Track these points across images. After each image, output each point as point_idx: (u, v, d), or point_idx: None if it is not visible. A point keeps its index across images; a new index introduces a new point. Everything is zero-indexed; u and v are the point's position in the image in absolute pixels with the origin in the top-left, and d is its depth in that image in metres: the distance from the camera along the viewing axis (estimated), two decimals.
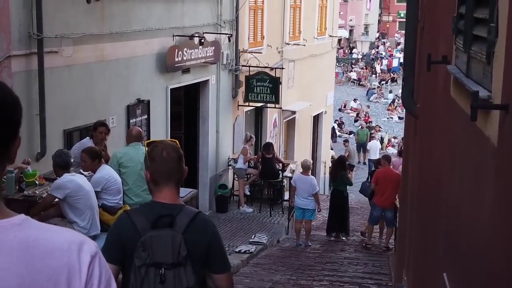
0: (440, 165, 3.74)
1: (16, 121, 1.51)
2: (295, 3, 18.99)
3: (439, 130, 3.93)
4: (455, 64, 3.31)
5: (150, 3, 12.00)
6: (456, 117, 3.28)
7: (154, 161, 3.24)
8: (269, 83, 15.78)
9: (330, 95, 23.47)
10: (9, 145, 1.51)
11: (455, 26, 3.29)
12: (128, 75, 11.57)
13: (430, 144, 4.34)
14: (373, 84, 44.59)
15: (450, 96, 3.48)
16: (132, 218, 3.20)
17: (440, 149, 3.80)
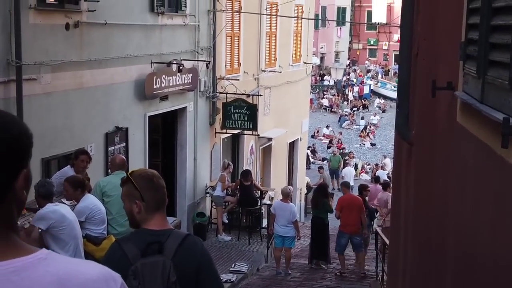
0: (445, 193, 3.69)
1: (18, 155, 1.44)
2: (271, 30, 19.07)
3: (442, 157, 3.89)
4: (463, 90, 3.27)
5: (129, 30, 11.93)
6: (466, 143, 3.23)
7: (149, 190, 3.26)
8: (246, 110, 15.76)
9: (305, 122, 23.53)
10: (13, 183, 1.44)
11: (463, 52, 3.25)
12: (107, 102, 11.44)
13: (430, 171, 4.29)
14: (345, 110, 44.93)
15: (457, 122, 3.44)
16: (123, 247, 3.20)
17: (444, 176, 3.75)
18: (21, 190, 1.47)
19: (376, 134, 40.12)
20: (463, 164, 3.29)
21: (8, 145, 1.41)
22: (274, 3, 18.98)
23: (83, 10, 10.49)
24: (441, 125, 4.00)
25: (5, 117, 1.45)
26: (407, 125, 5.10)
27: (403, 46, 5.14)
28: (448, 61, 3.85)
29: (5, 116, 1.46)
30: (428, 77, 4.60)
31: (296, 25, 21.29)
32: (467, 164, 3.21)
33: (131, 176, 3.33)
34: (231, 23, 16.32)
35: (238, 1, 16.60)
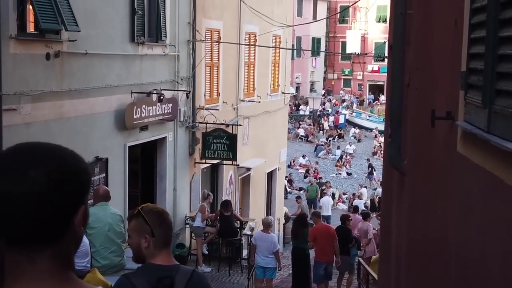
0: (445, 223, 3.65)
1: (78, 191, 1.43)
2: (249, 60, 19.14)
3: (440, 186, 3.86)
4: (465, 120, 3.25)
5: (109, 59, 11.87)
6: (468, 173, 3.20)
7: (161, 226, 3.29)
8: (226, 140, 15.71)
9: (283, 151, 23.54)
10: (72, 219, 1.42)
11: (465, 82, 3.24)
12: (87, 132, 11.32)
13: (426, 201, 4.26)
14: (320, 140, 45.08)
15: (457, 152, 3.42)
16: (133, 281, 3.18)
17: (444, 207, 3.71)
18: (79, 226, 1.45)
19: (352, 164, 40.27)
20: (466, 194, 3.26)
21: (70, 181, 1.40)
22: (253, 33, 19.07)
23: (64, 40, 10.41)
24: (438, 155, 3.98)
25: (67, 153, 1.45)
26: (399, 155, 5.09)
27: (394, 76, 5.14)
28: (446, 91, 3.84)
29: (66, 152, 1.45)
30: (422, 107, 4.60)
31: (274, 55, 21.41)
32: (470, 194, 3.18)
33: (142, 211, 3.32)
34: (210, 53, 16.35)
35: (217, 32, 16.65)
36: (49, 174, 1.36)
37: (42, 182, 1.35)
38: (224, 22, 17.09)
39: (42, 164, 1.37)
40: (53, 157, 1.41)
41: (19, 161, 1.38)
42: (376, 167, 39.01)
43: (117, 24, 12.12)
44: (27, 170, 1.35)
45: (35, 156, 1.40)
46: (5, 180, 1.35)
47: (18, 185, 1.34)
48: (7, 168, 1.36)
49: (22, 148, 1.43)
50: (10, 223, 1.35)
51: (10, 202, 1.34)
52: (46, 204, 1.36)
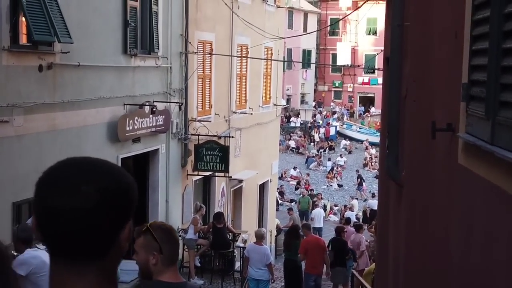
0: (446, 235, 3.63)
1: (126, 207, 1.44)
2: (241, 72, 19.16)
3: (440, 199, 3.84)
4: (466, 132, 3.24)
5: (102, 71, 11.84)
6: (471, 185, 3.19)
7: (169, 243, 3.32)
8: (218, 152, 15.68)
9: (275, 163, 23.53)
10: (119, 235, 1.43)
11: (466, 93, 3.24)
12: (79, 144, 11.26)
13: (425, 214, 4.25)
14: (311, 152, 45.08)
15: (458, 164, 3.40)
16: None
17: (445, 219, 3.70)
18: (125, 242, 1.45)
19: (343, 176, 40.28)
20: (468, 207, 3.25)
21: (120, 197, 1.41)
22: (244, 45, 19.10)
23: (56, 51, 10.38)
24: (438, 166, 3.97)
25: (116, 169, 1.46)
26: (397, 166, 5.08)
27: (391, 88, 5.14)
28: (445, 103, 3.84)
29: (116, 168, 1.47)
30: (420, 119, 4.59)
31: (266, 67, 21.45)
32: (473, 207, 3.16)
33: (150, 227, 3.31)
34: (202, 65, 16.35)
35: (209, 44, 16.67)
36: (100, 190, 1.37)
37: (94, 198, 1.36)
38: (216, 34, 17.11)
39: (94, 180, 1.38)
40: (104, 173, 1.41)
41: (72, 176, 1.39)
42: (367, 179, 39.09)
43: (109, 36, 12.11)
44: (79, 186, 1.37)
45: (87, 171, 1.41)
46: (57, 195, 1.36)
47: (71, 200, 1.35)
48: (60, 183, 1.38)
49: (73, 163, 1.45)
50: (60, 237, 1.37)
51: (61, 217, 1.35)
52: (96, 219, 1.37)
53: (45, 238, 1.40)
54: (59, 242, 1.38)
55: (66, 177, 1.39)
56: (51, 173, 1.43)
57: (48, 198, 1.37)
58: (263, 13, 20.62)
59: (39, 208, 1.39)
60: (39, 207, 1.40)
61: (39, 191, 1.40)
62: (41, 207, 1.39)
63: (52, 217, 1.36)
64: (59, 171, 1.43)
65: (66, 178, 1.39)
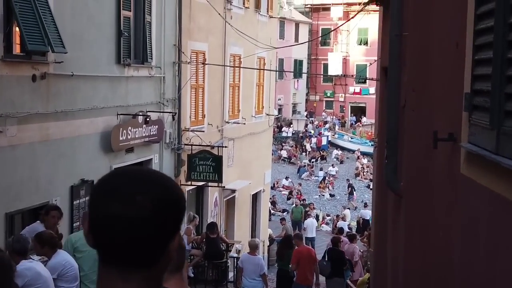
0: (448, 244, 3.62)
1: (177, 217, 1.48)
2: (234, 82, 19.16)
3: (442, 208, 3.83)
4: (469, 142, 3.24)
5: (95, 81, 11.80)
6: (474, 195, 3.18)
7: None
8: (212, 162, 15.65)
9: (268, 173, 23.49)
10: (169, 244, 1.47)
11: (469, 103, 3.24)
12: (73, 154, 11.21)
13: (425, 223, 4.23)
14: (303, 162, 45.07)
15: (461, 173, 3.40)
16: None
17: (447, 228, 3.68)
18: (173, 252, 1.49)
19: (334, 185, 40.28)
20: (472, 217, 3.23)
21: (172, 208, 1.45)
22: (237, 55, 19.11)
23: (50, 61, 10.33)
24: (439, 176, 3.96)
25: (169, 181, 1.49)
26: (396, 176, 5.06)
27: (390, 98, 5.14)
28: (446, 112, 3.83)
29: (168, 179, 1.50)
30: (419, 129, 4.58)
31: (259, 77, 21.46)
32: (477, 217, 3.15)
33: None
34: (195, 75, 16.33)
35: (202, 53, 16.66)
36: (154, 200, 1.41)
37: (148, 207, 1.40)
38: (209, 44, 17.11)
39: (148, 190, 1.42)
40: (158, 184, 1.45)
41: (127, 186, 1.42)
42: (359, 189, 39.12)
43: (103, 46, 12.08)
44: (135, 195, 1.40)
45: (141, 182, 1.44)
46: (113, 204, 1.40)
47: (126, 209, 1.39)
48: (116, 192, 1.42)
49: (128, 173, 1.48)
50: (114, 244, 1.41)
51: (117, 225, 1.39)
52: (150, 228, 1.40)
53: (98, 244, 1.43)
54: (113, 249, 1.41)
55: (122, 186, 1.43)
56: (107, 182, 1.46)
57: (105, 206, 1.40)
58: (255, 23, 20.65)
59: (95, 215, 1.43)
60: (95, 213, 1.43)
61: (96, 199, 1.44)
62: (97, 214, 1.42)
63: (107, 225, 1.40)
64: (115, 180, 1.46)
65: (122, 187, 1.42)
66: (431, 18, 4.27)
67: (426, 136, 4.45)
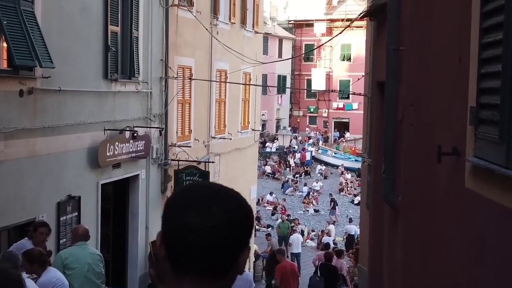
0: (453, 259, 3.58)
1: (248, 231, 1.55)
2: (220, 97, 19.13)
3: (445, 223, 3.80)
4: (475, 156, 3.22)
5: (83, 96, 11.71)
6: (482, 210, 3.15)
7: None
8: (198, 177, 15.55)
9: (253, 188, 23.44)
10: (239, 257, 1.53)
11: (475, 117, 3.22)
12: (60, 170, 11.09)
13: (426, 239, 4.20)
14: (287, 177, 45.05)
15: (466, 188, 3.37)
16: None
17: (450, 243, 3.65)
18: (243, 265, 1.55)
19: (319, 201, 40.26)
20: (479, 232, 3.20)
21: (244, 221, 1.52)
22: (223, 70, 19.12)
23: (37, 76, 10.23)
24: (440, 191, 3.94)
25: (239, 195, 1.57)
26: (394, 191, 5.04)
27: (387, 112, 5.12)
28: (448, 126, 3.81)
29: (239, 194, 1.57)
30: (418, 143, 4.56)
31: (244, 92, 21.47)
32: (485, 232, 3.12)
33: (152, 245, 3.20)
34: (182, 90, 16.29)
35: (189, 69, 16.63)
36: (229, 212, 1.49)
37: (224, 218, 1.47)
38: (196, 59, 17.09)
39: (223, 202, 1.50)
40: (231, 197, 1.53)
41: (202, 198, 1.50)
42: (343, 204, 39.14)
43: (90, 61, 12.00)
44: (211, 206, 1.48)
45: (216, 194, 1.52)
46: (189, 214, 1.47)
47: (202, 218, 1.46)
48: (191, 204, 1.49)
49: (202, 186, 1.56)
50: (188, 253, 1.47)
51: (192, 234, 1.45)
52: (224, 238, 1.47)
53: (172, 255, 1.49)
54: (186, 258, 1.47)
55: (197, 198, 1.50)
56: (181, 195, 1.53)
57: (180, 217, 1.47)
58: (241, 39, 20.69)
59: (170, 225, 1.49)
60: (169, 224, 1.49)
61: (171, 211, 1.51)
62: (172, 224, 1.48)
63: (183, 234, 1.46)
64: (189, 193, 1.53)
65: (198, 199, 1.50)
66: (430, 32, 4.26)
67: (425, 150, 4.43)
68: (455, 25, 3.73)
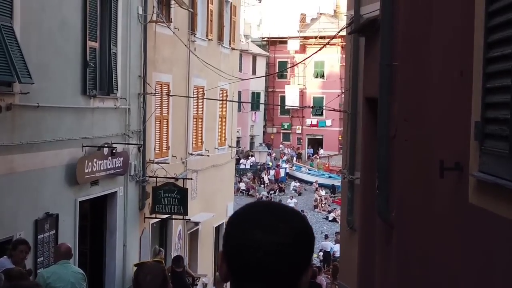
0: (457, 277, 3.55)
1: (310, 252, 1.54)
2: (197, 113, 19.07)
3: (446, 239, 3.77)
4: (480, 171, 3.20)
5: (61, 112, 11.56)
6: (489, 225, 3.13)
7: (140, 286, 3.15)
8: (177, 194, 15.44)
9: (230, 205, 23.32)
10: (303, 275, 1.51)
11: (480, 131, 3.20)
12: (37, 187, 10.90)
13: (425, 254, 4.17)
14: (262, 194, 44.98)
15: (470, 203, 3.35)
16: None
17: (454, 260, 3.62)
18: (305, 284, 1.51)
19: None
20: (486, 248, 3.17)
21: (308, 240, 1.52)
22: (201, 87, 19.08)
23: (16, 92, 10.07)
24: (439, 205, 3.91)
25: (301, 214, 1.56)
26: (388, 207, 5.01)
27: (381, 128, 5.11)
28: (448, 141, 3.79)
29: (300, 213, 1.58)
30: (414, 159, 4.55)
31: (221, 109, 21.43)
32: (493, 248, 3.09)
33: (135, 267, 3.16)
34: (160, 106, 16.20)
35: (167, 85, 16.56)
36: (296, 229, 1.49)
37: (290, 235, 1.47)
38: (174, 75, 17.03)
39: (290, 220, 1.50)
40: (297, 216, 1.54)
41: (269, 215, 1.51)
42: (317, 220, 39.12)
43: (69, 77, 11.87)
44: (278, 223, 1.48)
45: (282, 212, 1.53)
46: (255, 231, 1.46)
47: (270, 235, 1.46)
48: (257, 221, 1.49)
49: (264, 204, 1.57)
50: (253, 270, 1.45)
51: (259, 251, 1.45)
52: (290, 255, 1.46)
53: (238, 271, 1.48)
54: (254, 275, 1.45)
55: (264, 215, 1.50)
56: (245, 213, 1.54)
57: (246, 234, 1.47)
58: (218, 55, 20.68)
59: (234, 243, 1.49)
60: (233, 242, 1.49)
61: (235, 229, 1.50)
62: (237, 242, 1.48)
63: (252, 250, 1.45)
64: (253, 211, 1.54)
65: (264, 217, 1.50)
66: (426, 47, 4.26)
67: (421, 165, 4.42)
68: (455, 40, 3.72)
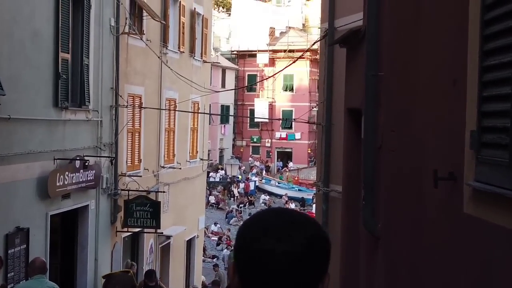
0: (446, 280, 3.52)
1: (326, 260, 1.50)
2: (169, 126, 18.94)
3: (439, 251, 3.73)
4: (477, 180, 3.17)
5: (32, 125, 11.38)
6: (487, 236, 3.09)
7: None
8: (149, 207, 15.27)
9: (202, 218, 23.19)
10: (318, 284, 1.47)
11: (476, 140, 3.17)
12: (8, 201, 10.68)
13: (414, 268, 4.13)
14: (231, 207, 44.84)
15: (465, 213, 3.32)
16: None
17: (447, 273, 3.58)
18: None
19: None
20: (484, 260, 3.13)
21: (323, 248, 1.47)
22: (173, 99, 18.97)
23: None
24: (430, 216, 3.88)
25: (315, 222, 1.53)
26: (374, 219, 4.97)
27: (367, 139, 5.08)
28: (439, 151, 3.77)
29: (314, 220, 1.54)
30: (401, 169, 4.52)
31: (193, 122, 21.32)
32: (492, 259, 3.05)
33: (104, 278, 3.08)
34: (132, 119, 16.04)
35: (139, 97, 16.42)
36: (308, 238, 1.44)
37: (303, 243, 1.42)
38: (146, 88, 16.90)
39: (302, 228, 1.45)
40: (309, 223, 1.48)
41: (282, 223, 1.46)
42: None
43: (40, 89, 11.68)
44: (290, 232, 1.43)
45: (293, 220, 1.47)
46: (268, 240, 1.42)
47: (282, 244, 1.41)
48: (269, 230, 1.44)
49: (276, 212, 1.52)
50: (269, 279, 1.41)
51: (273, 259, 1.40)
52: (303, 265, 1.42)
53: (250, 282, 1.44)
54: (267, 284, 1.41)
55: (275, 224, 1.45)
56: (258, 220, 1.50)
57: (261, 242, 1.42)
58: (190, 68, 20.60)
59: (245, 253, 1.44)
60: (245, 252, 1.44)
61: (250, 236, 1.46)
62: (249, 252, 1.43)
63: (265, 259, 1.41)
64: (266, 217, 1.50)
65: (276, 225, 1.45)
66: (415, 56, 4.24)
67: (408, 176, 4.39)
68: (446, 49, 3.71)
